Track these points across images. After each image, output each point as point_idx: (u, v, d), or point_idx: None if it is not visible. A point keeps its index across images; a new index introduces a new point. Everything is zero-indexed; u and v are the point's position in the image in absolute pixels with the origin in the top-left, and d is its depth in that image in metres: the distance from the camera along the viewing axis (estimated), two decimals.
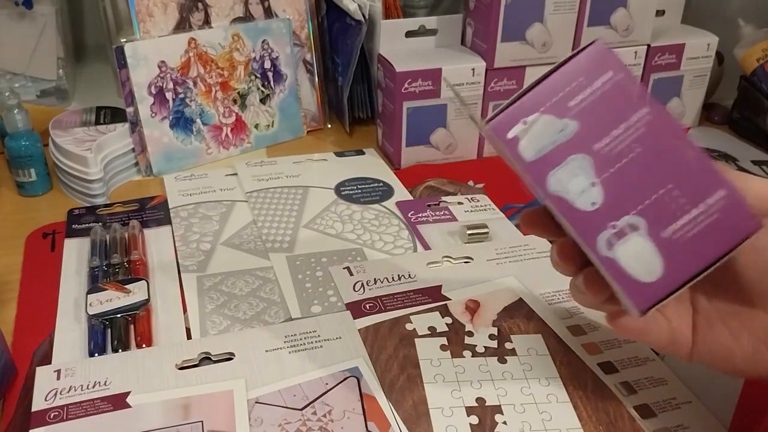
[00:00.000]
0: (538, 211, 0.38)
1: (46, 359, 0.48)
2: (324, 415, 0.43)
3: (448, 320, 0.51)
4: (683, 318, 0.38)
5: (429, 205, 0.67)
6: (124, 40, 0.70)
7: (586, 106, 0.32)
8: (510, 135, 0.32)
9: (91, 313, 0.50)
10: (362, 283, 0.55)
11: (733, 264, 0.35)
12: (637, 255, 0.31)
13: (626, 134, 0.31)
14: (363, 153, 0.78)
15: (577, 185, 0.31)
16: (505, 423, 0.43)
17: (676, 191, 0.30)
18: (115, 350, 0.48)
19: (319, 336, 0.49)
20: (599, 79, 0.32)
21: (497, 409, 0.44)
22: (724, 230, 0.30)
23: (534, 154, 0.32)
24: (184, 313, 0.52)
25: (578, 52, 0.33)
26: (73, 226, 0.63)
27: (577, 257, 0.36)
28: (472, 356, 0.48)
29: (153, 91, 0.72)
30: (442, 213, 0.66)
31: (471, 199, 0.69)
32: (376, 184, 0.71)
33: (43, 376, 0.45)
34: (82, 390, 0.44)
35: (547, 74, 0.33)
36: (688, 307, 0.38)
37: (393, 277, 0.55)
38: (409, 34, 0.77)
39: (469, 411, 0.43)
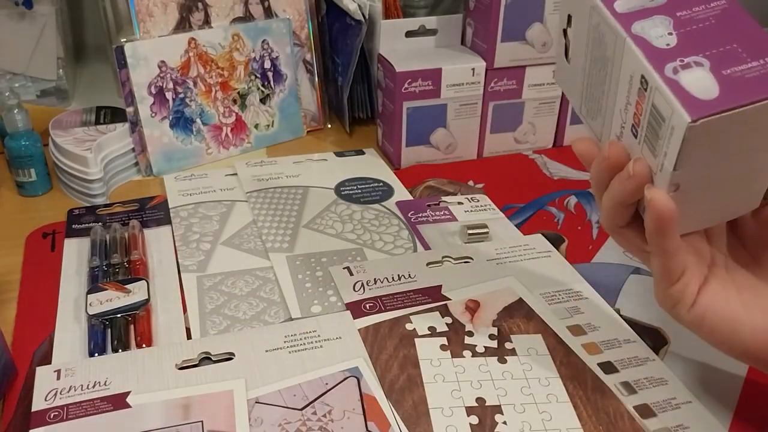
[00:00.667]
0: (591, 140, 0.42)
1: (46, 359, 0.48)
2: (324, 415, 0.43)
3: (448, 320, 0.51)
4: (697, 272, 0.38)
5: (429, 205, 0.67)
6: (124, 40, 0.70)
7: None
8: None
9: (91, 313, 0.50)
10: (362, 283, 0.55)
11: (759, 239, 0.39)
12: (697, 81, 0.35)
13: (705, 11, 0.37)
14: (363, 153, 0.78)
15: (656, 32, 0.37)
16: (505, 423, 0.43)
17: (739, 49, 0.35)
18: (115, 350, 0.48)
19: (319, 336, 0.49)
20: None
21: (497, 409, 0.44)
22: None
23: (625, 9, 0.38)
24: (184, 313, 0.52)
25: None
26: (73, 226, 0.63)
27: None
28: (472, 356, 0.48)
29: (153, 91, 0.72)
30: (442, 213, 0.66)
31: (471, 199, 0.69)
32: (376, 184, 0.71)
33: (43, 376, 0.45)
34: (82, 390, 0.44)
35: None
36: (703, 267, 0.39)
37: (393, 277, 0.55)
38: (409, 34, 0.77)
39: (469, 411, 0.43)
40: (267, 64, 0.79)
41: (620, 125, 0.40)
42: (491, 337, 0.49)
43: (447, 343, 0.49)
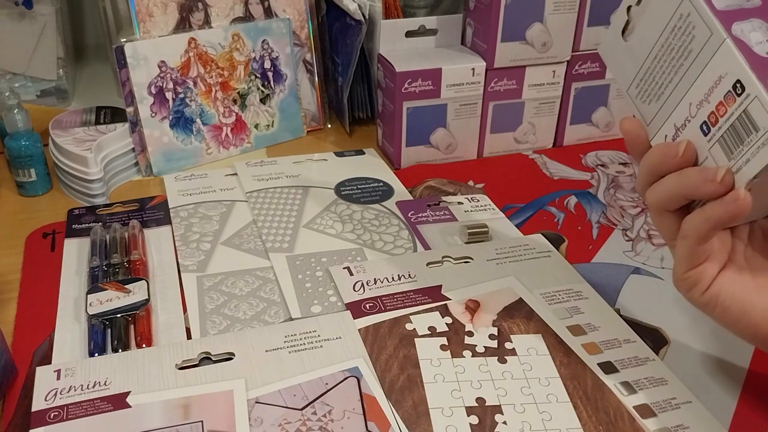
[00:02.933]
0: (639, 121, 0.44)
1: (46, 359, 0.48)
2: (324, 415, 0.43)
3: (448, 320, 0.51)
4: (717, 257, 0.40)
5: (429, 205, 0.67)
6: (124, 40, 0.70)
7: None
8: None
9: (91, 313, 0.50)
10: (362, 283, 0.55)
11: None
12: None
13: None
14: (363, 153, 0.78)
15: (755, 37, 0.37)
16: (505, 423, 0.43)
17: None
18: (115, 350, 0.48)
19: (319, 336, 0.49)
20: None
21: (497, 409, 0.44)
22: None
23: (724, 6, 0.38)
24: (184, 313, 0.52)
25: None
26: (73, 226, 0.63)
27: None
28: (472, 356, 0.48)
29: (153, 91, 0.72)
30: (442, 213, 0.66)
31: (471, 199, 0.69)
32: (376, 184, 0.71)
33: (43, 376, 0.45)
34: (82, 390, 0.44)
35: None
36: (724, 254, 0.40)
37: (393, 277, 0.55)
38: (409, 34, 0.77)
39: (469, 411, 0.43)
40: (267, 64, 0.79)
41: (685, 117, 0.40)
42: (491, 337, 0.49)
43: (447, 343, 0.49)
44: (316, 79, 0.84)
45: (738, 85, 0.37)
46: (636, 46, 0.43)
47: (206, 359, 0.47)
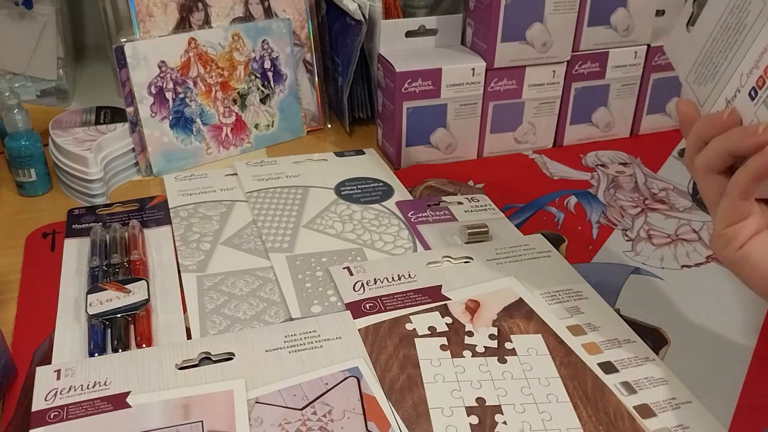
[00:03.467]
0: (693, 103, 0.46)
1: (46, 359, 0.48)
2: (324, 415, 0.43)
3: (448, 320, 0.51)
4: (756, 219, 0.42)
5: (429, 205, 0.67)
6: (124, 40, 0.70)
7: None
8: None
9: (91, 313, 0.50)
10: (362, 283, 0.55)
11: None
12: None
13: None
14: (363, 153, 0.78)
15: None
16: (505, 423, 0.43)
17: None
18: (115, 350, 0.48)
19: (319, 336, 0.49)
20: None
21: (497, 409, 0.44)
22: None
23: None
24: (184, 313, 0.52)
25: None
26: (73, 226, 0.63)
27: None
28: (472, 356, 0.48)
29: (153, 91, 0.72)
30: (442, 213, 0.66)
31: (471, 199, 0.69)
32: (376, 184, 0.71)
33: (43, 376, 0.45)
34: (82, 390, 0.44)
35: None
36: (763, 219, 0.43)
37: (393, 277, 0.55)
38: (409, 34, 0.77)
39: (469, 411, 0.43)
40: (267, 64, 0.79)
41: (736, 88, 0.42)
42: (491, 337, 0.49)
43: (447, 343, 0.49)
44: (316, 79, 0.84)
45: None
46: (697, 34, 0.45)
47: (206, 359, 0.47)
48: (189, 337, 0.50)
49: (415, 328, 0.50)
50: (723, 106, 0.43)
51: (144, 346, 0.48)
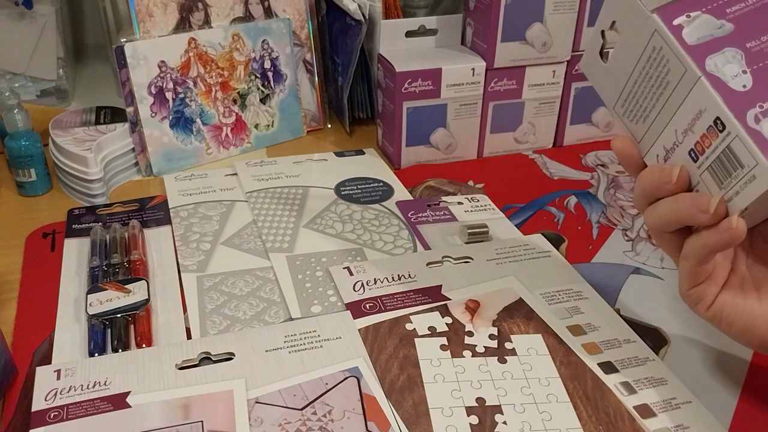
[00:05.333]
0: (630, 139, 0.44)
1: (46, 359, 0.48)
2: (324, 415, 0.43)
3: (448, 320, 0.51)
4: (719, 273, 0.41)
5: (429, 205, 0.67)
6: (124, 40, 0.70)
7: (742, 14, 0.38)
8: (675, 22, 0.39)
9: (91, 313, 0.50)
10: (362, 283, 0.55)
11: None
12: None
13: None
14: (363, 153, 0.78)
15: (730, 69, 0.37)
16: (505, 423, 0.43)
17: None
18: (115, 350, 0.48)
19: (319, 336, 0.49)
20: None
21: (497, 409, 0.44)
22: None
23: (695, 40, 0.38)
24: (184, 313, 0.52)
25: None
26: (73, 226, 0.63)
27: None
28: (472, 356, 0.48)
29: (153, 91, 0.72)
30: (442, 213, 0.66)
31: (471, 199, 0.69)
32: (376, 184, 0.71)
33: (43, 376, 0.45)
34: (82, 390, 0.44)
35: None
36: (727, 267, 0.41)
37: (393, 277, 0.55)
38: (409, 34, 0.77)
39: (469, 411, 0.43)
40: (267, 64, 0.79)
41: (673, 142, 0.40)
42: (491, 337, 0.49)
43: (447, 343, 0.49)
44: (316, 79, 0.84)
45: (718, 122, 0.37)
46: (615, 69, 0.43)
47: (206, 359, 0.47)
48: (189, 337, 0.50)
49: (415, 328, 0.50)
50: (662, 152, 0.41)
51: (144, 346, 0.48)
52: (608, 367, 0.47)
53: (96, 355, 0.47)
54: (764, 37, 0.37)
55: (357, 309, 0.52)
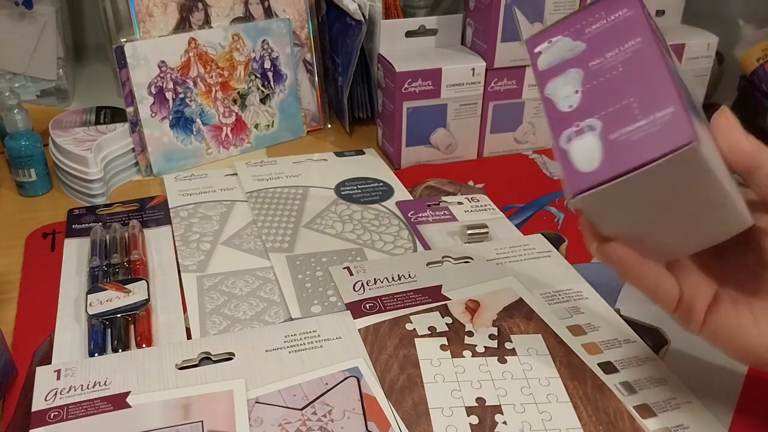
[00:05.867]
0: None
1: (46, 359, 0.48)
2: (324, 415, 0.43)
3: (448, 320, 0.51)
4: (701, 293, 0.39)
5: (429, 205, 0.67)
6: (124, 40, 0.70)
7: (597, 32, 0.37)
8: (537, 50, 0.39)
9: (91, 313, 0.50)
10: (362, 283, 0.55)
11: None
12: (585, 149, 0.35)
13: (616, 56, 0.36)
14: (363, 153, 0.78)
15: (564, 91, 0.37)
16: (505, 423, 0.43)
17: (635, 103, 0.34)
18: (115, 350, 0.48)
19: (319, 336, 0.49)
20: (614, 13, 0.37)
21: (497, 409, 0.44)
22: (660, 140, 0.33)
23: (546, 65, 0.38)
24: (184, 313, 0.52)
25: None
26: (73, 226, 0.63)
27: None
28: (472, 356, 0.48)
29: (153, 91, 0.72)
30: (442, 213, 0.66)
31: (471, 199, 0.69)
32: (376, 184, 0.71)
33: (43, 376, 0.45)
34: (82, 390, 0.44)
35: (582, 7, 0.39)
36: (711, 285, 0.39)
37: (393, 277, 0.55)
38: (409, 34, 0.77)
39: (469, 411, 0.43)
40: (267, 64, 0.79)
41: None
42: (491, 337, 0.49)
43: (447, 343, 0.49)
44: (316, 79, 0.84)
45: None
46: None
47: (206, 359, 0.47)
48: (189, 337, 0.50)
49: (415, 328, 0.50)
50: None
51: (144, 346, 0.48)
52: (608, 367, 0.47)
53: (96, 355, 0.47)
54: (609, 54, 0.36)
55: (357, 309, 0.52)
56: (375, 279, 0.55)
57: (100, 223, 0.62)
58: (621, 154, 0.33)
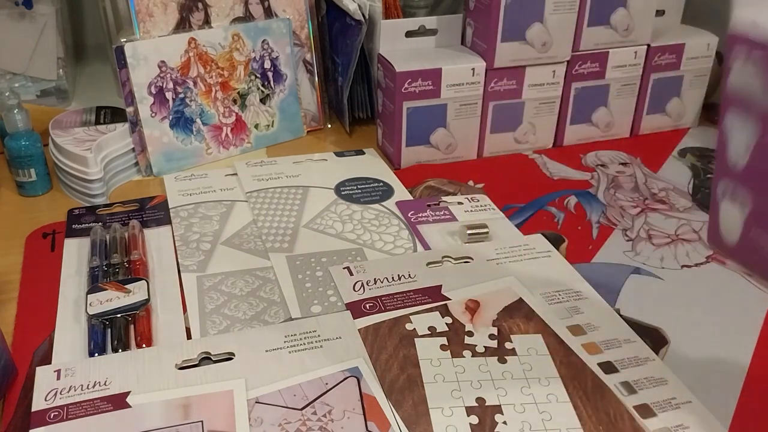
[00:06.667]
0: None
1: (46, 359, 0.48)
2: (324, 415, 0.43)
3: (448, 320, 0.51)
4: None
5: (429, 205, 0.67)
6: (124, 40, 0.70)
7: None
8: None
9: (91, 313, 0.50)
10: (362, 283, 0.55)
11: None
12: (730, 217, 0.34)
13: None
14: (363, 153, 0.78)
15: (737, 138, 0.33)
16: (505, 423, 0.43)
17: None
18: (115, 350, 0.48)
19: (319, 336, 0.49)
20: None
21: (497, 409, 0.44)
22: None
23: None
24: (184, 313, 0.52)
25: None
26: (73, 226, 0.63)
27: None
28: (472, 356, 0.48)
29: (153, 91, 0.72)
30: (442, 213, 0.66)
31: (471, 199, 0.69)
32: (376, 184, 0.71)
33: (43, 376, 0.45)
34: (82, 390, 0.44)
35: None
36: None
37: (393, 277, 0.55)
38: (409, 34, 0.77)
39: (469, 411, 0.43)
40: (267, 64, 0.79)
41: None
42: (491, 337, 0.49)
43: (447, 343, 0.49)
44: (316, 79, 0.84)
45: None
46: None
47: (206, 359, 0.47)
48: (189, 337, 0.50)
49: (415, 328, 0.50)
50: None
51: (144, 346, 0.48)
52: (608, 367, 0.47)
53: (96, 355, 0.47)
54: None
55: (357, 309, 0.52)
56: (375, 279, 0.55)
57: (100, 223, 0.62)
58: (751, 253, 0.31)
